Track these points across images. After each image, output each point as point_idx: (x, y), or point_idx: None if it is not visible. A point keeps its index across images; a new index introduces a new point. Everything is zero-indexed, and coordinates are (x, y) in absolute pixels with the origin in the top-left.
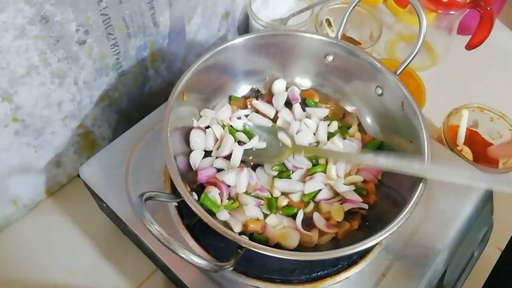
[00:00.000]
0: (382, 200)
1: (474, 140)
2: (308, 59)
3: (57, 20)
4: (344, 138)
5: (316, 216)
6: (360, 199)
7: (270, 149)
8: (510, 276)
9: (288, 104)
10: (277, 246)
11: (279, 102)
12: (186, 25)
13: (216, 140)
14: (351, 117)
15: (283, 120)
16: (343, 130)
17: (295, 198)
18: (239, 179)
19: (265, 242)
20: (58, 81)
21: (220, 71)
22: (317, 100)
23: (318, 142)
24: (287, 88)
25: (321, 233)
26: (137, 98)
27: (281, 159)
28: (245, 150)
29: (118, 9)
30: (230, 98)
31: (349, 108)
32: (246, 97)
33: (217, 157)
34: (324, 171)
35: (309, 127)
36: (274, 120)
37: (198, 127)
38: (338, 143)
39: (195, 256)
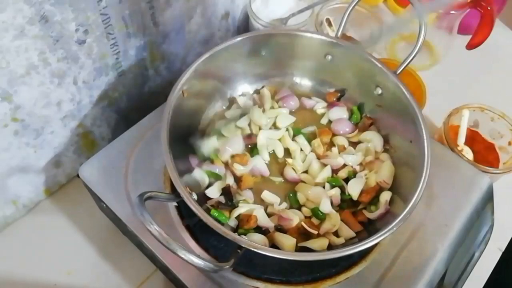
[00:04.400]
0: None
1: (475, 140)
2: (308, 58)
3: (56, 20)
4: None
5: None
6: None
7: None
8: (510, 276)
9: None
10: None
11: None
12: (186, 24)
13: None
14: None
15: None
16: None
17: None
18: None
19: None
20: (57, 81)
21: (220, 70)
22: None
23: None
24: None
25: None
26: (137, 98)
27: None
28: None
29: (117, 9)
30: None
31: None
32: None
33: None
34: None
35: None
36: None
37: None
38: None
39: (194, 257)
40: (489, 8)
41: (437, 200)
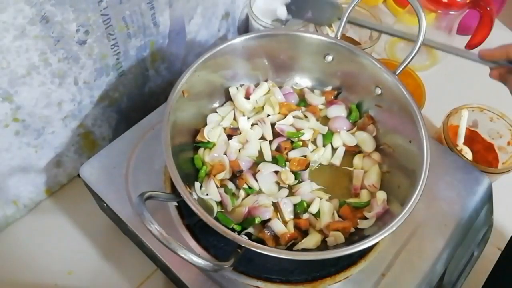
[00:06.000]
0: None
1: (474, 140)
2: (307, 58)
3: (57, 20)
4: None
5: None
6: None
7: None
8: (510, 276)
9: None
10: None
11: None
12: (186, 25)
13: None
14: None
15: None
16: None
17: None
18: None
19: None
20: (58, 81)
21: (220, 70)
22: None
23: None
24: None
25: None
26: (137, 98)
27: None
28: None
29: (118, 9)
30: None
31: None
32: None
33: None
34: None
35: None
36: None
37: None
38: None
39: (194, 256)
40: (488, 8)
41: (436, 200)
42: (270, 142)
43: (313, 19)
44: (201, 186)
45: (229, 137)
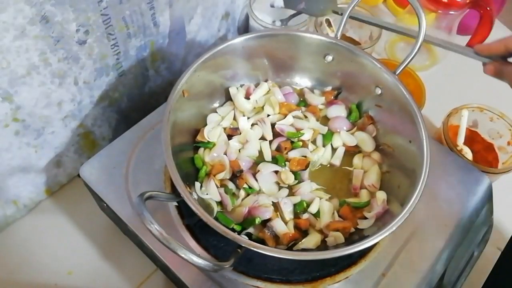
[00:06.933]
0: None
1: (474, 140)
2: (307, 58)
3: (57, 20)
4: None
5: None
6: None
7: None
8: (510, 276)
9: None
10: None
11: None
12: (186, 25)
13: None
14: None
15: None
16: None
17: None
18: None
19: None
20: (58, 81)
21: (220, 70)
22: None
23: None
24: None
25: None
26: (137, 98)
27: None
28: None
29: (118, 9)
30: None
31: None
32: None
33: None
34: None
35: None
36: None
37: None
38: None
39: (194, 256)
40: (488, 8)
41: (436, 200)
42: (270, 142)
43: (306, 10)
44: (201, 186)
45: (229, 137)
